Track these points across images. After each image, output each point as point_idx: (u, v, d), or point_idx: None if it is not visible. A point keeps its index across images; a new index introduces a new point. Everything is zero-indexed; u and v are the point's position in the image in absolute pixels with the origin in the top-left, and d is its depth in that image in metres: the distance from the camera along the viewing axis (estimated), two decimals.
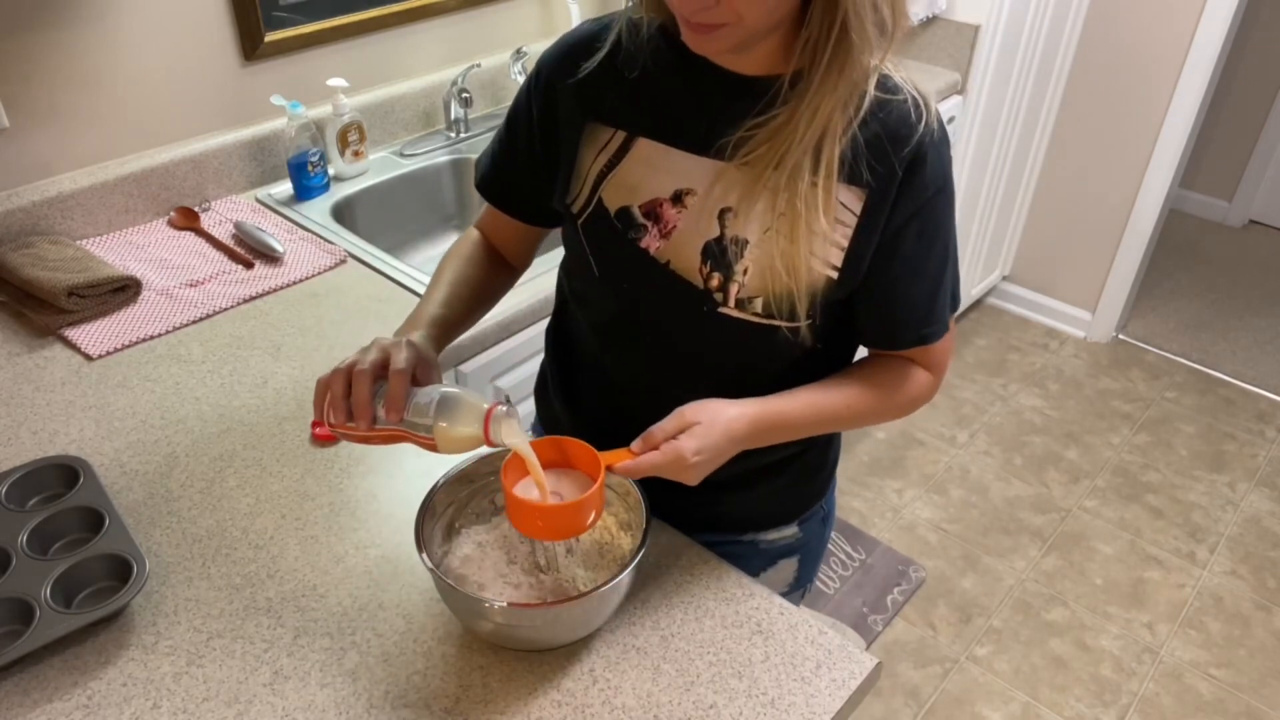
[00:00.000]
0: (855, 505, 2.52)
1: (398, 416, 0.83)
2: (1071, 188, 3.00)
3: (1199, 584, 2.34)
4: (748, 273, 0.90)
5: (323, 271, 1.51)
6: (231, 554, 1.01)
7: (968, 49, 2.41)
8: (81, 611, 0.91)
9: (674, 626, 0.94)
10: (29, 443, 1.15)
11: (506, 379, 1.49)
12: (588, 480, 0.88)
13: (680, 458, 0.85)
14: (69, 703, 0.86)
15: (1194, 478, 2.66)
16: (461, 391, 0.85)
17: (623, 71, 0.92)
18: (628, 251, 0.94)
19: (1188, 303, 3.39)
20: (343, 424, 0.86)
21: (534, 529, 0.86)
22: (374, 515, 1.06)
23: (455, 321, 1.01)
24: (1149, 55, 2.70)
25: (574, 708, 0.87)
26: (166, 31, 1.55)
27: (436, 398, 0.84)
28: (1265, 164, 3.76)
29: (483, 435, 0.82)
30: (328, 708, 0.86)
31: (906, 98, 0.87)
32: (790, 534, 1.15)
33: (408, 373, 0.84)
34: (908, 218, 0.89)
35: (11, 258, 1.40)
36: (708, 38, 0.79)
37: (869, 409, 0.98)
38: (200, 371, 1.28)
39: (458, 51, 2.00)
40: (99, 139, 1.54)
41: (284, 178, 1.75)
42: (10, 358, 1.30)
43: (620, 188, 0.93)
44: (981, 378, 3.00)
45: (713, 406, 0.89)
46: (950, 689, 2.07)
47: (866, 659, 0.93)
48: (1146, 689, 2.08)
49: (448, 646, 0.92)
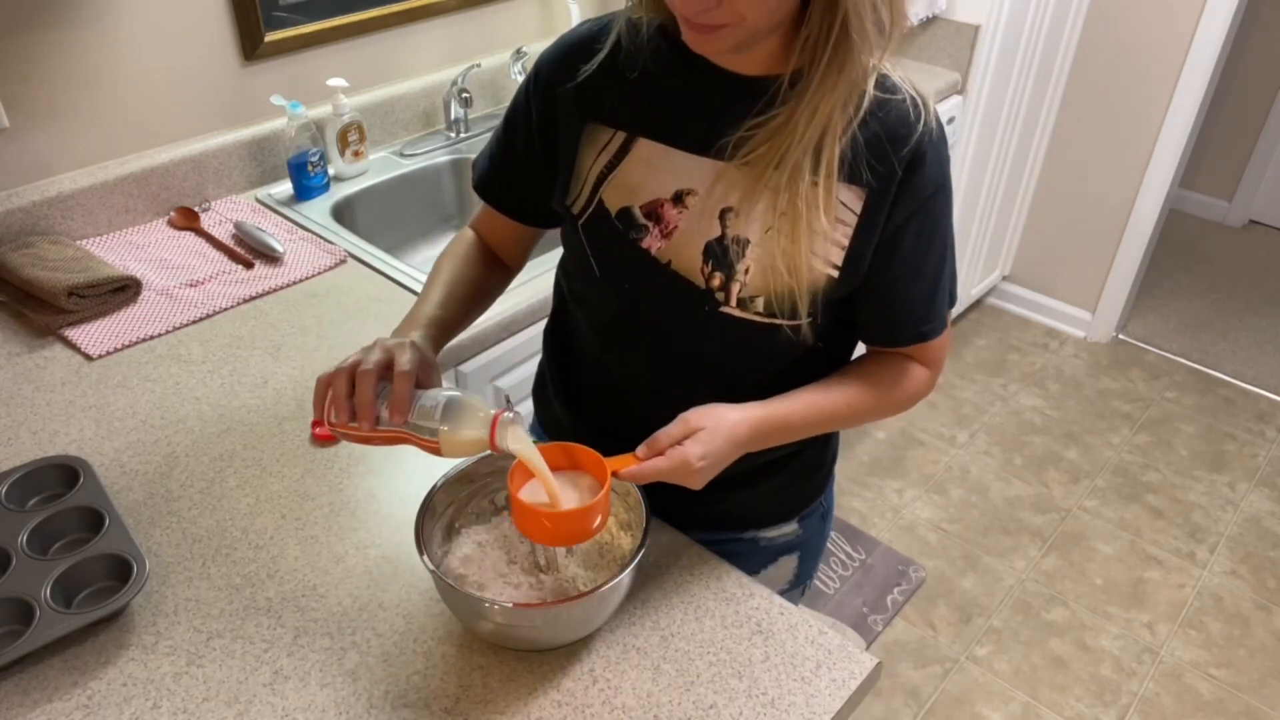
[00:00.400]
0: (855, 505, 2.52)
1: (402, 419, 0.83)
2: (1071, 188, 3.00)
3: (1199, 584, 2.34)
4: (749, 272, 0.90)
5: (323, 271, 1.51)
6: (231, 554, 1.01)
7: (968, 49, 2.41)
8: (81, 611, 0.91)
9: (674, 626, 0.94)
10: (29, 443, 1.15)
11: (506, 379, 1.49)
12: (593, 482, 0.88)
13: (685, 464, 0.86)
14: (69, 703, 0.86)
15: (1194, 478, 2.66)
16: (467, 396, 0.85)
17: (622, 72, 0.92)
18: (629, 252, 0.94)
19: (1188, 303, 3.39)
20: (344, 424, 0.86)
21: (541, 534, 0.86)
22: (374, 515, 1.06)
23: (452, 322, 1.01)
24: (1149, 55, 2.70)
25: (574, 708, 0.87)
26: (166, 31, 1.55)
27: (443, 401, 0.84)
28: (1265, 164, 3.76)
29: (489, 441, 0.82)
30: (328, 708, 0.86)
31: (905, 97, 0.87)
32: (790, 531, 1.16)
33: (413, 374, 0.84)
34: (907, 217, 0.89)
35: (11, 258, 1.40)
36: (709, 38, 0.79)
37: (869, 407, 0.98)
38: (200, 371, 1.28)
39: (458, 51, 2.00)
40: (99, 139, 1.55)
41: (284, 178, 1.75)
42: (10, 358, 1.30)
43: (621, 188, 0.93)
44: (981, 378, 3.00)
45: (716, 411, 0.89)
46: (950, 689, 2.07)
47: (866, 659, 0.93)
48: (1146, 689, 2.08)
49: (448, 646, 0.92)
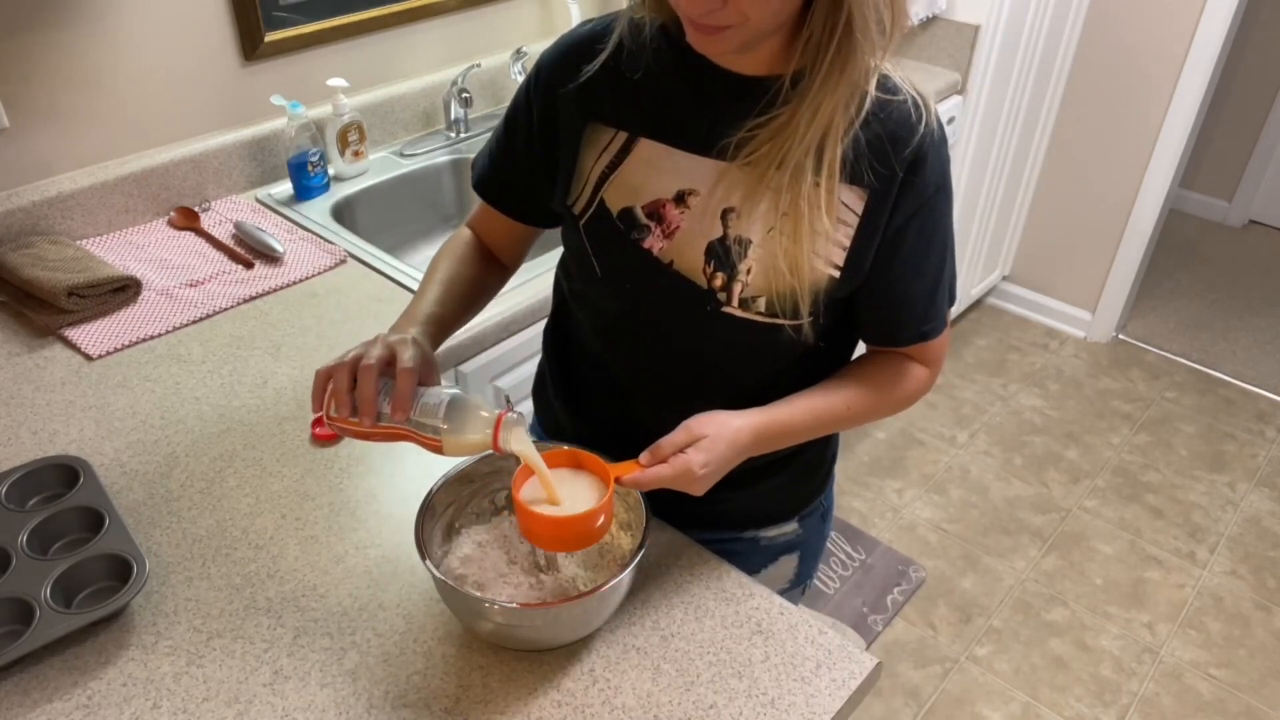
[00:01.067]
0: (855, 505, 2.52)
1: (404, 416, 0.83)
2: (1071, 188, 3.00)
3: (1199, 584, 2.34)
4: (751, 272, 0.90)
5: (323, 271, 1.51)
6: (231, 554, 1.01)
7: (968, 49, 2.41)
8: (81, 611, 0.91)
9: (674, 626, 0.94)
10: (29, 443, 1.15)
11: (506, 379, 1.49)
12: (596, 488, 0.88)
13: (688, 471, 0.86)
14: (69, 703, 0.86)
15: (1194, 478, 2.66)
16: (471, 396, 0.85)
17: (624, 72, 0.92)
18: (630, 252, 0.94)
19: (1188, 303, 3.39)
20: (344, 419, 0.85)
21: (544, 540, 0.86)
22: (374, 515, 1.06)
23: (449, 320, 1.01)
24: (1149, 55, 2.70)
25: (574, 708, 0.87)
26: (166, 31, 1.55)
27: (446, 400, 0.83)
28: (1265, 164, 3.76)
29: (492, 442, 0.82)
30: (328, 708, 0.86)
31: (906, 98, 0.87)
32: (790, 530, 1.16)
33: (416, 371, 0.84)
34: (909, 217, 0.89)
35: (11, 258, 1.40)
36: (714, 39, 0.79)
37: (869, 408, 0.99)
38: (200, 371, 1.28)
39: (458, 51, 2.00)
40: (99, 139, 1.54)
41: (284, 178, 1.75)
42: (10, 358, 1.30)
43: (623, 189, 0.93)
44: (981, 378, 3.00)
45: (719, 419, 0.89)
46: (950, 689, 2.07)
47: (866, 659, 0.93)
48: (1146, 689, 2.08)
49: (448, 646, 0.92)
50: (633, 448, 0.89)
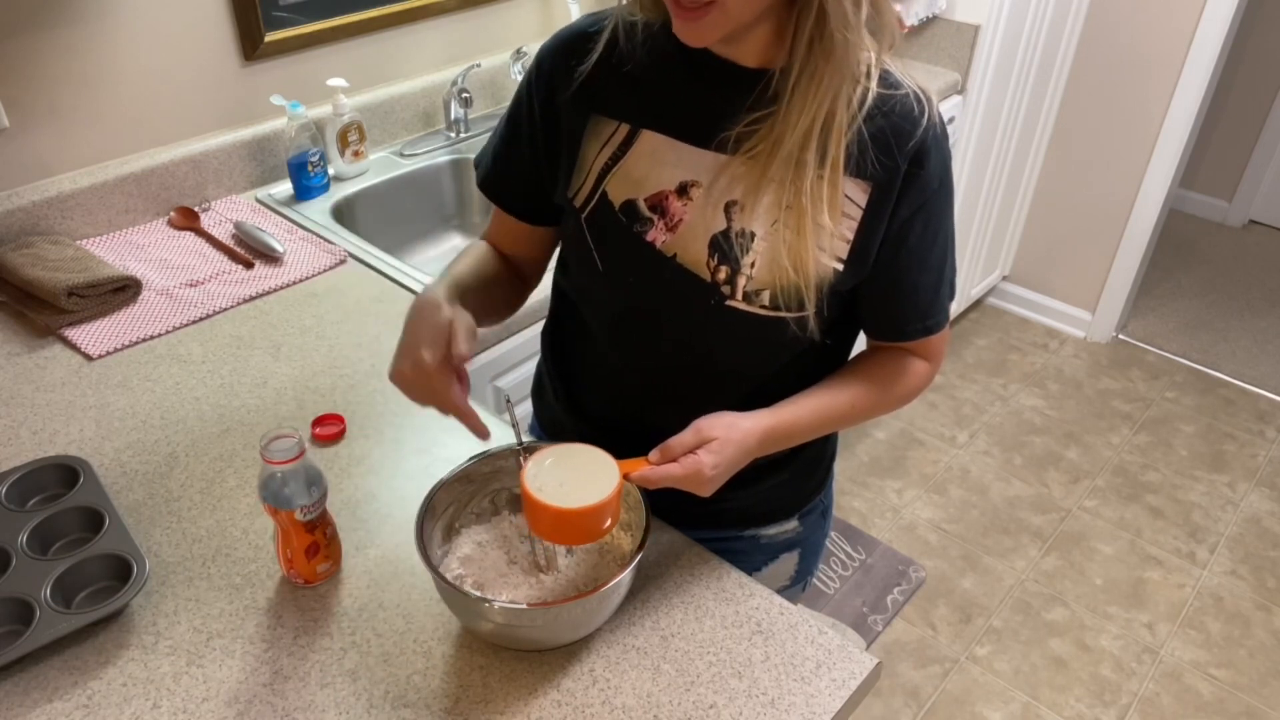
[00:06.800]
0: (855, 505, 2.52)
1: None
2: (1071, 188, 3.00)
3: (1199, 584, 2.34)
4: (755, 265, 0.90)
5: (323, 271, 1.51)
6: (231, 554, 1.01)
7: (968, 49, 2.41)
8: (81, 611, 0.91)
9: (674, 626, 0.94)
10: (29, 443, 1.15)
11: (506, 379, 1.49)
12: (606, 478, 0.87)
13: (699, 472, 0.86)
14: (69, 703, 0.86)
15: (1194, 478, 2.66)
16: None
17: (625, 65, 0.92)
18: (633, 245, 0.94)
19: (1188, 303, 3.39)
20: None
21: (549, 530, 0.86)
22: (374, 515, 1.06)
23: (479, 299, 0.97)
24: (1149, 55, 2.70)
25: (574, 708, 0.87)
26: (166, 31, 1.55)
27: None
28: (1265, 164, 3.76)
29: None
30: (328, 708, 0.86)
31: (909, 92, 0.88)
32: (791, 528, 1.16)
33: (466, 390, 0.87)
34: (913, 211, 0.90)
35: (11, 258, 1.40)
36: (696, 25, 0.80)
37: (873, 405, 0.99)
38: (200, 371, 1.28)
39: (458, 51, 2.00)
40: (99, 139, 1.54)
41: (284, 178, 1.75)
42: (10, 358, 1.30)
43: (625, 181, 0.93)
44: (981, 378, 3.00)
45: (727, 420, 0.89)
46: (950, 689, 2.07)
47: (866, 659, 0.93)
48: (1146, 689, 2.08)
49: (448, 646, 0.92)
50: (633, 447, 0.89)
